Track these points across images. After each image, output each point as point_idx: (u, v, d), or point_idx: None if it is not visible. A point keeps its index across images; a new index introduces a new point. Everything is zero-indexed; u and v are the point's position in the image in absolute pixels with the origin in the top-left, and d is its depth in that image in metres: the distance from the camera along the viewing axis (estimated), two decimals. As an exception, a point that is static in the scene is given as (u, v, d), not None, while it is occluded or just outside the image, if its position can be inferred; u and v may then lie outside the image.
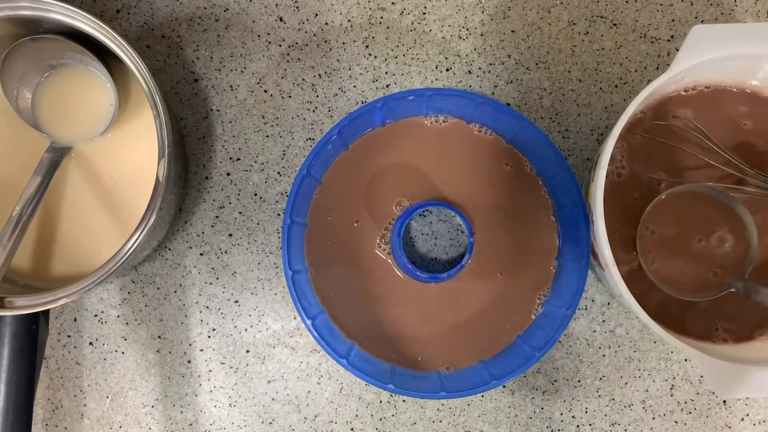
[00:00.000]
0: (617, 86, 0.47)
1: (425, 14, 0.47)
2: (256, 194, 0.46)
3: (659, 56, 0.47)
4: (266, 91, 0.46)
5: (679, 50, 0.36)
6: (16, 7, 0.38)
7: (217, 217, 0.46)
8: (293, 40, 0.46)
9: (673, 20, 0.47)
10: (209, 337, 0.46)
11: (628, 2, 0.47)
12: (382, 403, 0.46)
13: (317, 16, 0.47)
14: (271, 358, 0.46)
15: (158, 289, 0.46)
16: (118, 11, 0.47)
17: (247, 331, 0.46)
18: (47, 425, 0.46)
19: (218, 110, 0.46)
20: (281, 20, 0.47)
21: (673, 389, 0.46)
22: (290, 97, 0.46)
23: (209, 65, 0.46)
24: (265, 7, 0.47)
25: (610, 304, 0.46)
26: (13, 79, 0.41)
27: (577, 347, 0.46)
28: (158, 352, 0.46)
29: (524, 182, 0.44)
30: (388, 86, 0.46)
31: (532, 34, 0.47)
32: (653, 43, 0.47)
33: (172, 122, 0.38)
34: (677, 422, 0.46)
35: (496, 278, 0.44)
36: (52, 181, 0.40)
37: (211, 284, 0.46)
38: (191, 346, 0.46)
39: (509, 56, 0.47)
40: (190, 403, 0.46)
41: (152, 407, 0.46)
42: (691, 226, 0.41)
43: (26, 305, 0.37)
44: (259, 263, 0.46)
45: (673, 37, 0.47)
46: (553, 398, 0.46)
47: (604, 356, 0.46)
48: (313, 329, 0.42)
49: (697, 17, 0.47)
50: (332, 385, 0.46)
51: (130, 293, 0.46)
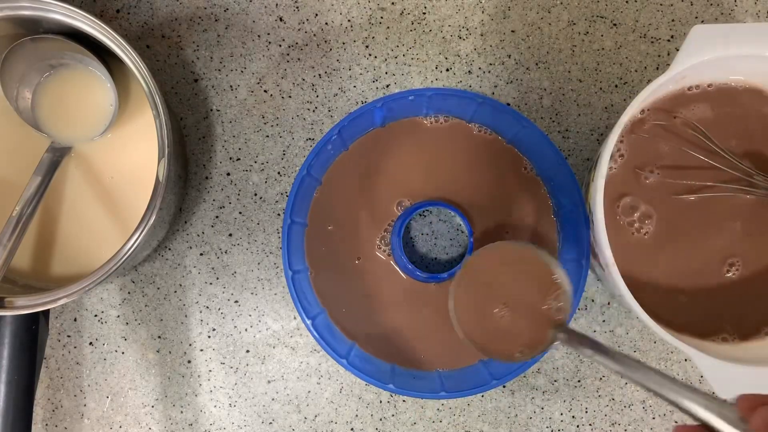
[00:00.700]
0: (617, 86, 0.47)
1: (425, 14, 0.47)
2: (256, 194, 0.46)
3: (659, 56, 0.47)
4: (266, 91, 0.46)
5: (679, 50, 0.36)
6: (16, 7, 0.38)
7: (217, 217, 0.46)
8: (293, 40, 0.46)
9: (673, 20, 0.47)
10: (209, 337, 0.46)
11: (628, 2, 0.47)
12: (382, 403, 0.46)
13: (317, 16, 0.47)
14: (271, 358, 0.46)
15: (158, 289, 0.46)
16: (118, 11, 0.47)
17: (247, 331, 0.46)
18: (47, 425, 0.46)
19: (218, 110, 0.46)
20: (281, 20, 0.47)
21: (673, 389, 0.46)
22: (290, 97, 0.46)
23: (209, 65, 0.46)
24: (265, 7, 0.47)
25: (610, 304, 0.46)
26: (13, 79, 0.41)
27: (577, 347, 0.46)
28: (158, 352, 0.46)
29: (524, 182, 0.44)
30: (388, 86, 0.46)
31: (532, 34, 0.47)
32: (653, 43, 0.47)
33: (172, 122, 0.38)
34: (677, 422, 0.46)
35: (496, 278, 0.44)
36: (52, 181, 0.40)
37: (211, 284, 0.46)
38: (191, 346, 0.46)
39: (509, 56, 0.47)
40: (190, 403, 0.46)
41: (152, 407, 0.46)
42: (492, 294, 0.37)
43: (26, 305, 0.37)
44: (259, 263, 0.46)
45: (673, 37, 0.47)
46: (553, 398, 0.46)
47: (604, 356, 0.46)
48: (313, 329, 0.42)
49: (697, 17, 0.47)
50: (332, 385, 0.46)
51: (130, 293, 0.46)
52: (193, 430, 0.46)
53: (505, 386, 0.46)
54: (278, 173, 0.46)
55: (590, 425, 0.46)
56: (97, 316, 0.46)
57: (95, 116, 0.43)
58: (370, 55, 0.46)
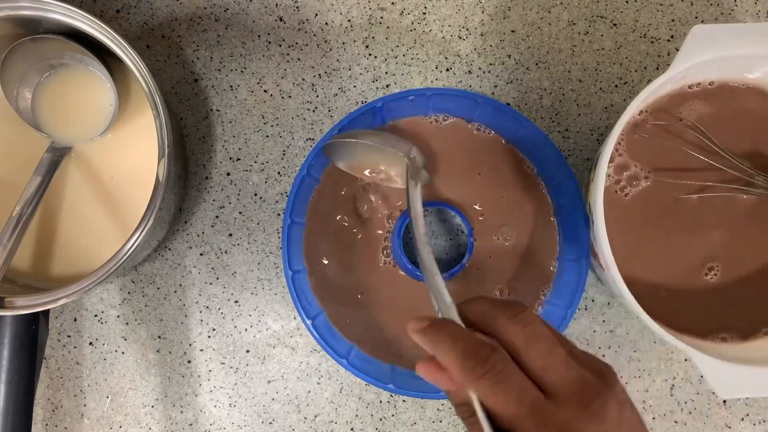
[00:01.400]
0: (617, 86, 0.47)
1: (425, 14, 0.47)
2: (256, 194, 0.46)
3: (659, 56, 0.47)
4: (266, 91, 0.46)
5: (679, 50, 0.36)
6: (16, 7, 0.38)
7: (217, 217, 0.46)
8: (293, 40, 0.46)
9: (673, 20, 0.47)
10: (209, 337, 0.46)
11: (628, 2, 0.47)
12: (382, 403, 0.46)
13: (317, 16, 0.47)
14: (271, 358, 0.46)
15: (158, 289, 0.46)
16: (118, 11, 0.47)
17: (247, 331, 0.46)
18: (47, 425, 0.46)
19: (218, 110, 0.46)
20: (281, 20, 0.47)
21: (673, 389, 0.46)
22: (290, 97, 0.46)
23: (209, 65, 0.46)
24: (265, 7, 0.47)
25: (610, 304, 0.46)
26: (13, 79, 0.41)
27: (577, 347, 0.46)
28: (158, 352, 0.46)
29: (524, 182, 0.44)
30: (388, 86, 0.46)
31: (532, 34, 0.47)
32: (653, 43, 0.47)
33: (172, 122, 0.38)
34: (677, 422, 0.46)
35: (496, 278, 0.44)
36: (52, 181, 0.40)
37: (211, 284, 0.46)
38: (191, 346, 0.46)
39: (509, 56, 0.47)
40: (190, 403, 0.46)
41: (152, 407, 0.46)
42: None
43: (26, 305, 0.37)
44: (259, 263, 0.46)
45: (673, 37, 0.47)
46: (553, 398, 0.46)
47: (604, 356, 0.46)
48: (313, 329, 0.42)
49: (697, 17, 0.47)
50: (332, 385, 0.46)
51: (130, 293, 0.46)
52: (193, 430, 0.46)
53: (505, 386, 0.46)
54: (278, 173, 0.46)
55: (590, 425, 0.46)
56: (97, 316, 0.46)
57: (95, 116, 0.43)
58: (370, 55, 0.46)
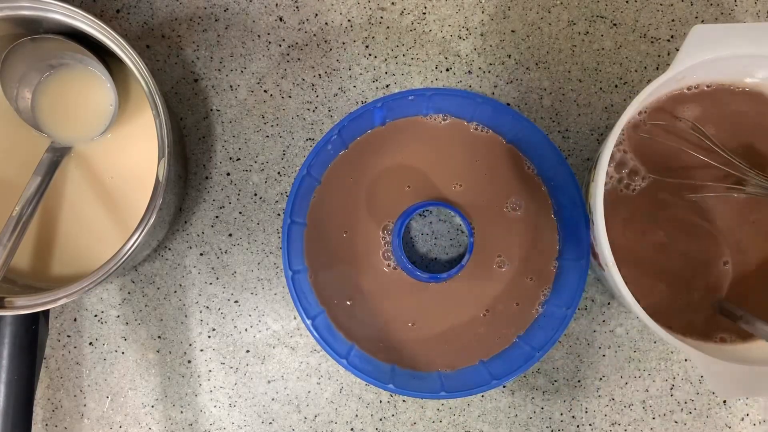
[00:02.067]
0: (617, 86, 0.47)
1: (425, 14, 0.47)
2: (256, 194, 0.46)
3: (659, 56, 0.47)
4: (266, 91, 0.46)
5: (679, 50, 0.36)
6: (16, 7, 0.38)
7: (217, 217, 0.46)
8: (293, 40, 0.46)
9: (673, 20, 0.47)
10: (209, 337, 0.46)
11: (628, 2, 0.47)
12: (382, 403, 0.46)
13: (317, 16, 0.47)
14: (271, 358, 0.46)
15: (158, 289, 0.46)
16: (118, 11, 0.47)
17: (247, 331, 0.46)
18: (47, 425, 0.46)
19: (218, 110, 0.46)
20: (281, 20, 0.47)
21: (673, 389, 0.46)
22: (290, 97, 0.46)
23: (209, 65, 0.46)
24: (265, 7, 0.47)
25: (610, 304, 0.46)
26: (13, 79, 0.41)
27: (577, 347, 0.46)
28: (158, 352, 0.46)
29: (524, 182, 0.44)
30: (388, 86, 0.46)
31: (532, 34, 0.47)
32: (653, 43, 0.47)
33: (172, 122, 0.38)
34: (677, 422, 0.46)
35: (496, 278, 0.44)
36: (52, 181, 0.40)
37: (211, 284, 0.46)
38: (191, 346, 0.46)
39: (509, 56, 0.47)
40: (190, 403, 0.46)
41: (152, 407, 0.46)
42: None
43: (26, 305, 0.37)
44: (259, 263, 0.46)
45: (673, 37, 0.47)
46: (553, 398, 0.46)
47: (604, 356, 0.46)
48: (313, 329, 0.42)
49: (697, 17, 0.47)
50: (332, 385, 0.46)
51: (130, 293, 0.46)
52: (193, 430, 0.46)
53: (505, 386, 0.46)
54: (278, 173, 0.46)
55: (590, 425, 0.46)
56: (97, 316, 0.46)
57: (95, 116, 0.43)
58: (370, 55, 0.46)
